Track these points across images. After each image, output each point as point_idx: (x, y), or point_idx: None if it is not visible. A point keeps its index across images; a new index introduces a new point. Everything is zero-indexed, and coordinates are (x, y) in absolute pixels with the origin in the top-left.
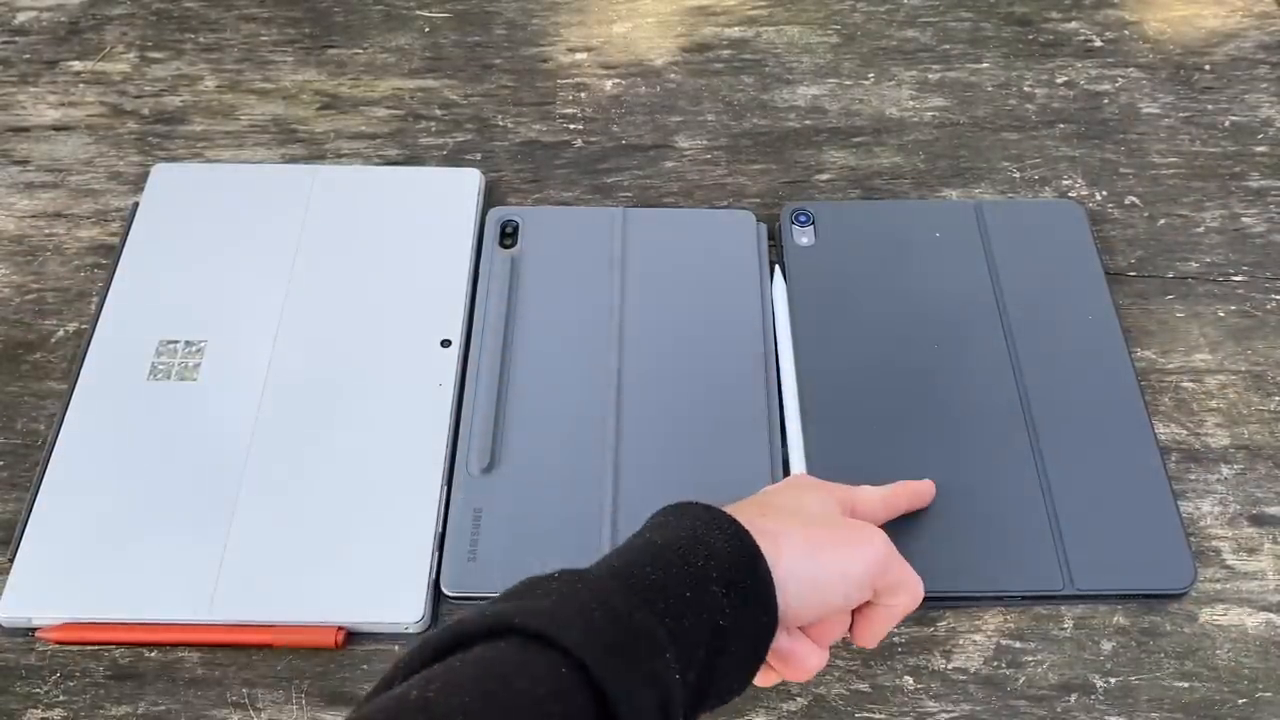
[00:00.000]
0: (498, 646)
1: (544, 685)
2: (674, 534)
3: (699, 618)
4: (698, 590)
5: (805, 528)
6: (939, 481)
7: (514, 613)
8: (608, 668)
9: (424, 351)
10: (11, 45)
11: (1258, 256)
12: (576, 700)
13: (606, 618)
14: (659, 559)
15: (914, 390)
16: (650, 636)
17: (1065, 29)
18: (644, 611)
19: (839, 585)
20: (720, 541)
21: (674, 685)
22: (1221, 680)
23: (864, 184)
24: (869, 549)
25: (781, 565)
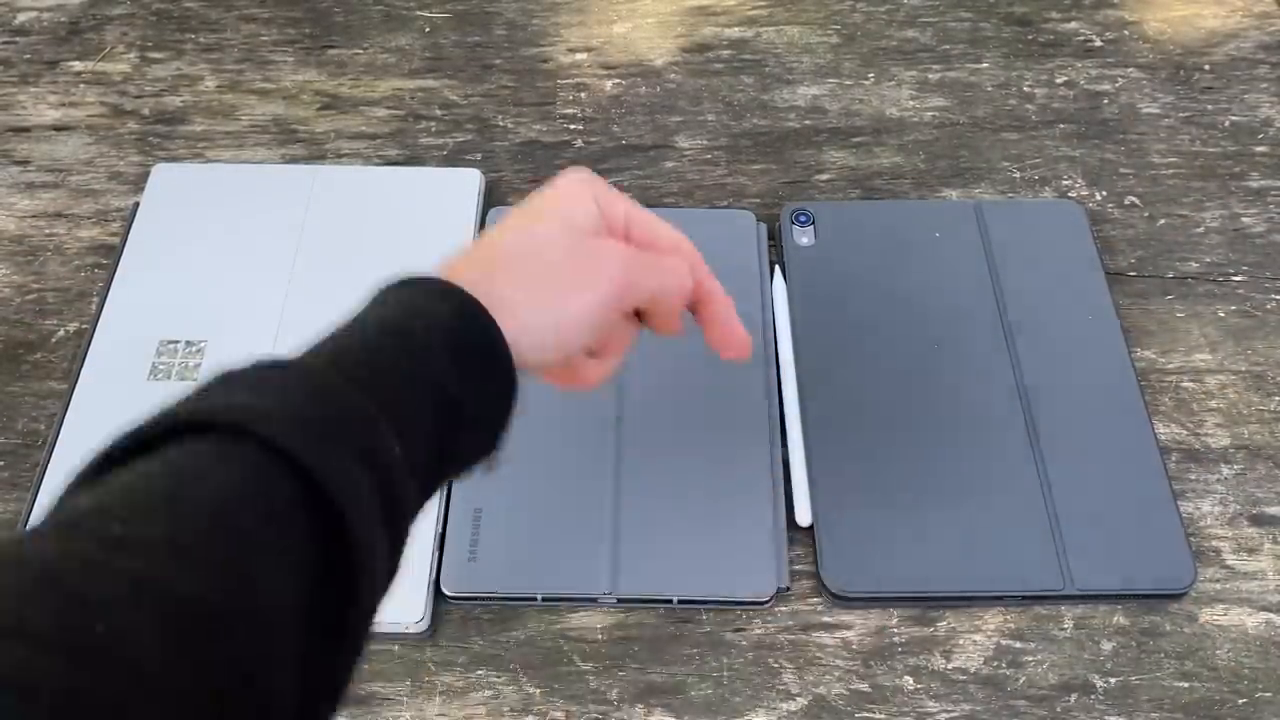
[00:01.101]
0: (192, 443)
1: (240, 476)
2: (388, 310)
3: (421, 390)
4: (417, 362)
5: (528, 273)
6: (939, 481)
7: (203, 407)
8: (313, 452)
9: None
10: (12, 45)
11: (1258, 256)
12: (282, 490)
13: (308, 400)
14: (370, 336)
15: (914, 390)
16: (361, 413)
17: (1065, 29)
18: (351, 389)
19: (579, 327)
20: (439, 306)
21: (395, 463)
22: (1221, 680)
23: (864, 184)
24: (600, 289)
25: (514, 321)
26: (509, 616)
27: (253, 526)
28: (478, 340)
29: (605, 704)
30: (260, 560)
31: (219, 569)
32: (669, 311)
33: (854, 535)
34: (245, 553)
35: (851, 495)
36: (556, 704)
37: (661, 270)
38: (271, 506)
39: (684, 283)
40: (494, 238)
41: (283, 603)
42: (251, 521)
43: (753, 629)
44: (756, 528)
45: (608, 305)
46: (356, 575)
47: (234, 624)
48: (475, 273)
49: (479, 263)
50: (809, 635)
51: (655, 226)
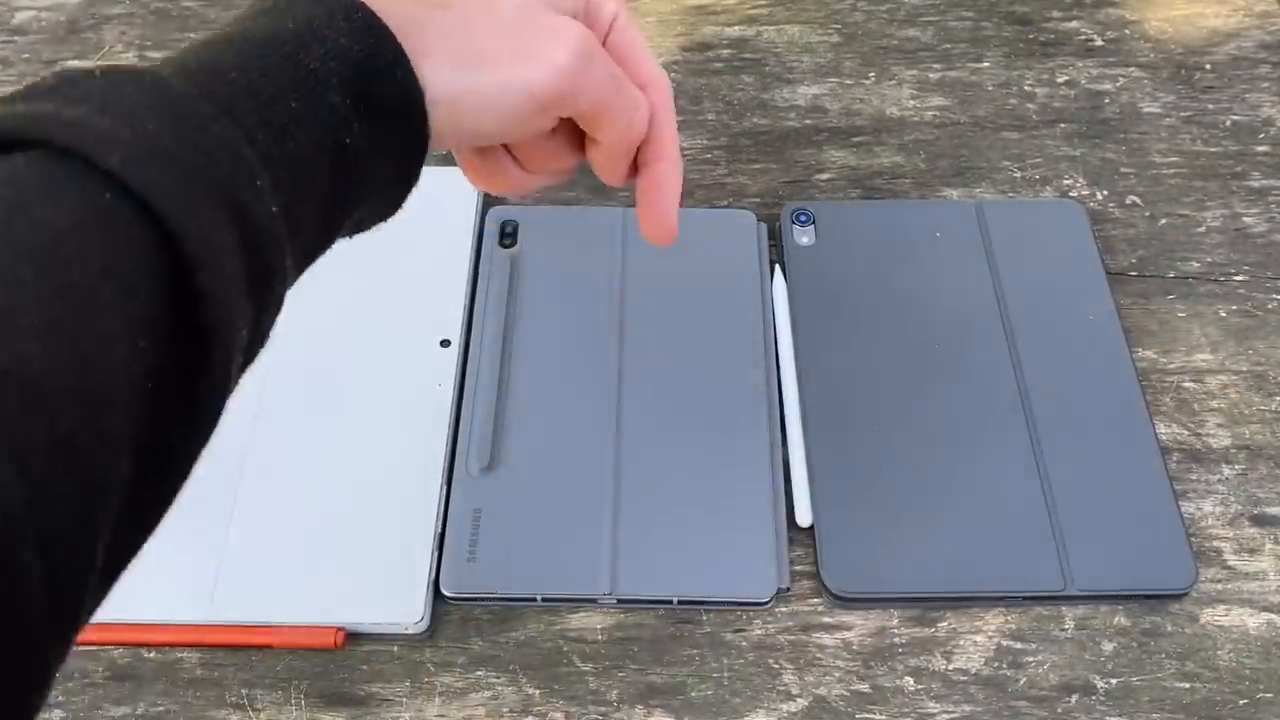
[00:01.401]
0: (10, 162)
1: (73, 215)
2: (282, 24)
3: (310, 134)
4: (310, 99)
5: (470, 26)
6: (939, 481)
7: (34, 118)
8: (170, 194)
9: (423, 351)
10: (10, 45)
11: (1259, 256)
12: (126, 233)
13: (168, 128)
14: (253, 58)
15: (914, 390)
16: (232, 153)
17: (1066, 28)
18: (224, 122)
19: (508, 107)
20: (345, 35)
21: (268, 220)
22: (1223, 681)
23: (864, 184)
24: (546, 62)
25: (434, 70)
26: (509, 617)
27: (89, 279)
28: (386, 82)
29: (605, 705)
30: (95, 321)
31: (43, 331)
32: (612, 144)
33: (854, 535)
34: (77, 311)
35: (851, 495)
36: (556, 705)
37: (620, 89)
38: (113, 256)
39: (637, 116)
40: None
41: (119, 374)
42: (88, 273)
43: (753, 629)
44: (756, 528)
45: (546, 91)
46: (210, 345)
47: (59, 399)
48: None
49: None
50: (809, 636)
51: (639, 46)
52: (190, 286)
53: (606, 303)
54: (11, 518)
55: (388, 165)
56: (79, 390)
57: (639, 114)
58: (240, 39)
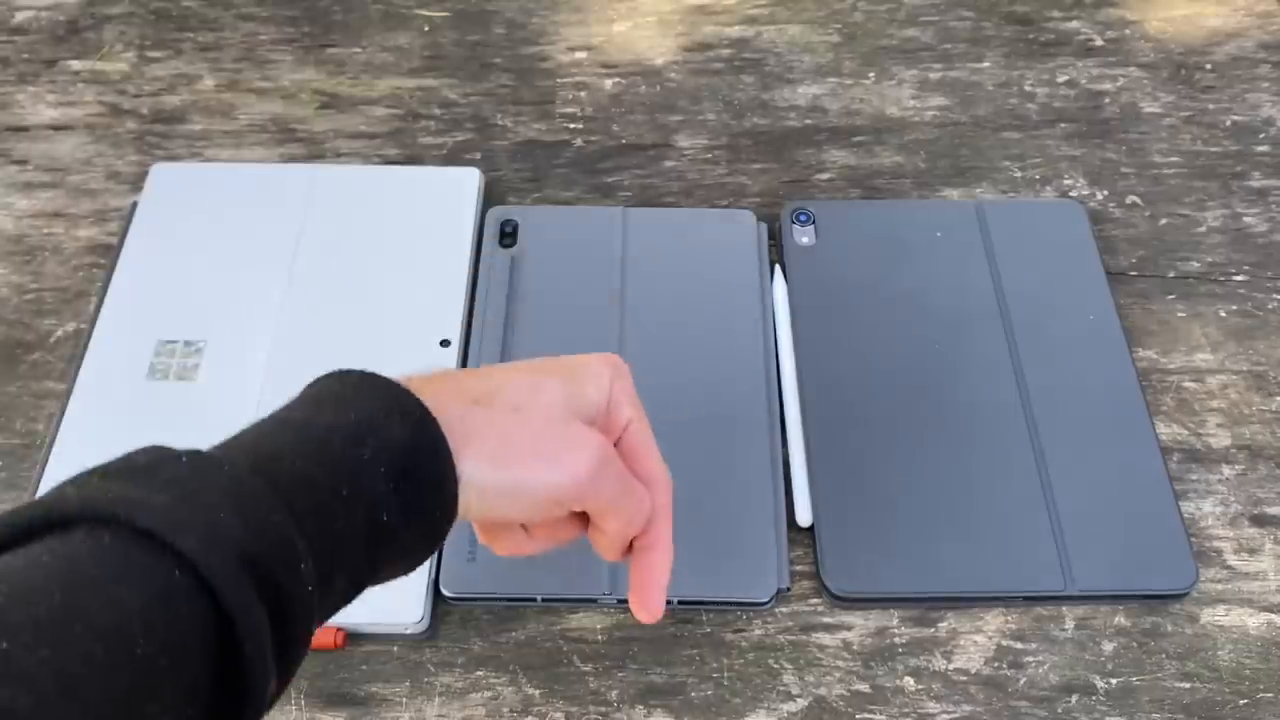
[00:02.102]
0: (96, 539)
1: (148, 592)
2: (343, 415)
3: (353, 518)
4: (357, 486)
5: (505, 428)
6: (940, 481)
7: (122, 501)
8: (227, 578)
9: (423, 351)
10: (10, 45)
11: (1259, 256)
12: (188, 611)
13: (235, 518)
14: (314, 448)
15: (914, 390)
16: (286, 543)
17: (1066, 28)
18: (283, 513)
19: (528, 502)
20: (399, 429)
21: (304, 599)
22: (1223, 681)
23: (864, 183)
24: (567, 470)
25: (471, 463)
26: (508, 617)
27: (150, 653)
28: (427, 474)
29: (605, 705)
30: (155, 698)
31: (109, 707)
32: (614, 534)
33: (854, 535)
34: (138, 690)
35: (851, 495)
36: (556, 705)
37: (628, 491)
38: (174, 632)
39: (639, 516)
40: (492, 371)
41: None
42: (150, 647)
43: (753, 630)
44: (756, 528)
45: (565, 494)
46: (244, 705)
47: None
48: (458, 395)
49: (468, 388)
50: (809, 636)
51: (648, 449)
52: (233, 655)
53: (606, 302)
54: None
55: (415, 539)
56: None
57: (641, 514)
58: (307, 426)
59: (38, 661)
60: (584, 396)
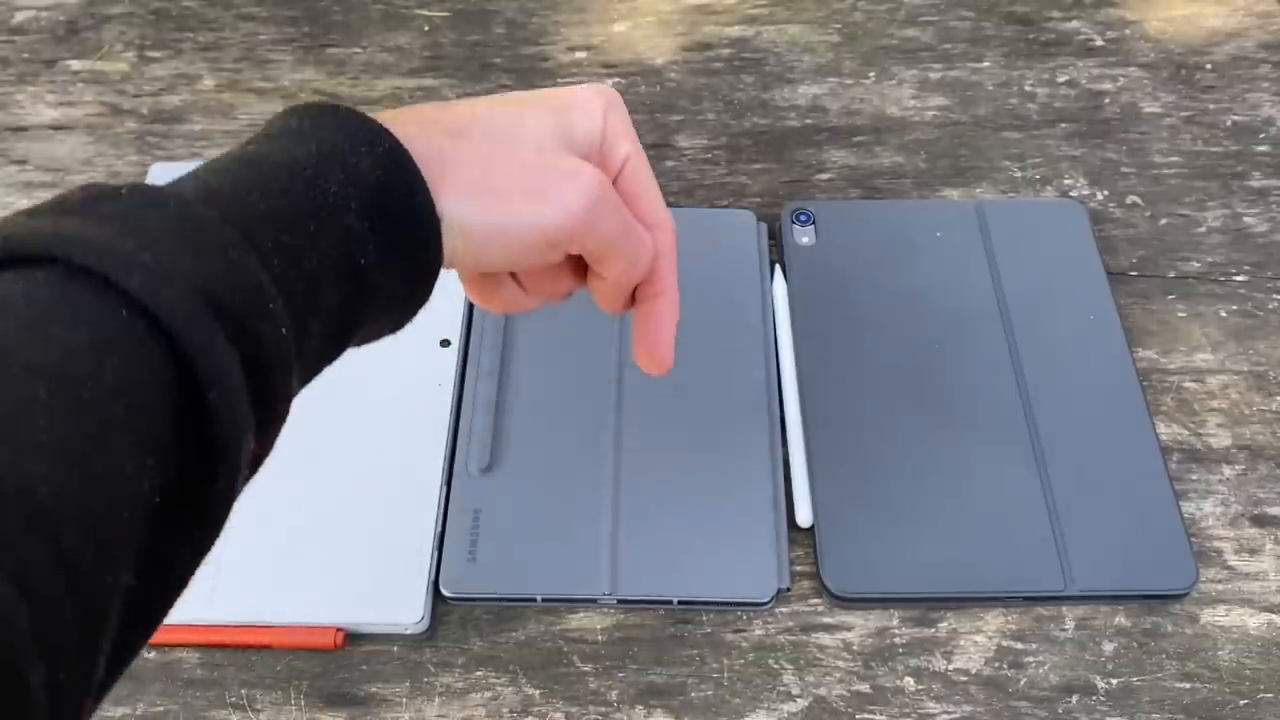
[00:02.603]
0: (31, 278)
1: (89, 334)
2: (304, 148)
3: (325, 256)
4: (327, 223)
5: (489, 160)
6: (940, 482)
7: (58, 237)
8: (183, 316)
9: (423, 351)
10: (10, 44)
11: (1259, 256)
12: (141, 353)
13: (188, 253)
14: (275, 180)
15: (914, 390)
16: (249, 278)
17: (1066, 28)
18: (243, 247)
19: (519, 243)
20: (367, 162)
21: (277, 341)
22: (1223, 681)
23: (865, 183)
24: (560, 205)
25: (453, 200)
26: (508, 617)
27: (101, 398)
28: (404, 207)
29: (605, 705)
30: (105, 440)
31: (53, 455)
32: (614, 281)
33: (854, 535)
34: (89, 435)
35: (851, 495)
36: (556, 705)
37: (628, 230)
38: (126, 375)
39: (641, 258)
40: (473, 102)
41: (126, 492)
42: (100, 392)
43: (753, 630)
44: (756, 528)
45: (557, 232)
46: (216, 460)
47: (65, 519)
48: (428, 127)
49: (439, 119)
50: (809, 636)
51: (649, 188)
52: (199, 404)
53: None
54: (16, 640)
55: (399, 285)
56: (85, 509)
57: (643, 255)
58: (263, 161)
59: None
60: (575, 128)
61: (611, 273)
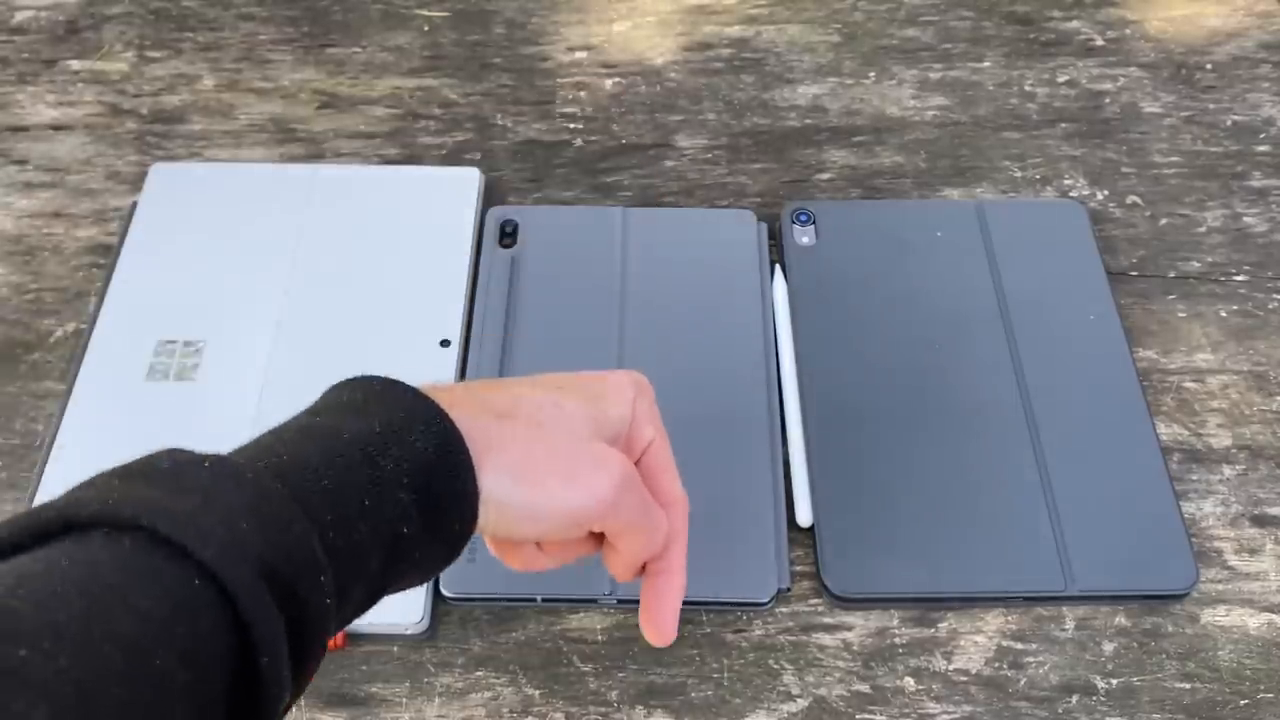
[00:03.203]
0: (116, 544)
1: (169, 602)
2: (367, 424)
3: (375, 529)
4: (379, 498)
5: (529, 443)
6: (940, 482)
7: (144, 506)
8: (248, 589)
9: (423, 351)
10: (10, 44)
11: (1259, 256)
12: (207, 621)
13: (256, 529)
14: (338, 458)
15: (914, 390)
16: (307, 552)
17: (1067, 28)
18: (304, 523)
19: (548, 521)
20: (422, 441)
21: (321, 610)
22: (1223, 681)
23: (865, 183)
24: (589, 491)
25: (483, 480)
26: (508, 617)
27: (170, 668)
28: (449, 486)
29: (605, 705)
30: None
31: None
32: (629, 556)
33: (854, 535)
34: (156, 701)
35: (851, 495)
36: (556, 705)
37: (648, 514)
38: (194, 642)
39: (656, 538)
40: (519, 383)
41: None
42: (169, 658)
43: (753, 630)
44: (756, 528)
45: (585, 515)
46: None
47: None
48: (481, 409)
49: (488, 399)
50: (809, 636)
51: (668, 469)
52: (250, 665)
53: (606, 302)
54: None
55: (435, 551)
56: None
57: (659, 537)
58: (330, 436)
59: (56, 671)
60: (607, 415)
61: (628, 550)
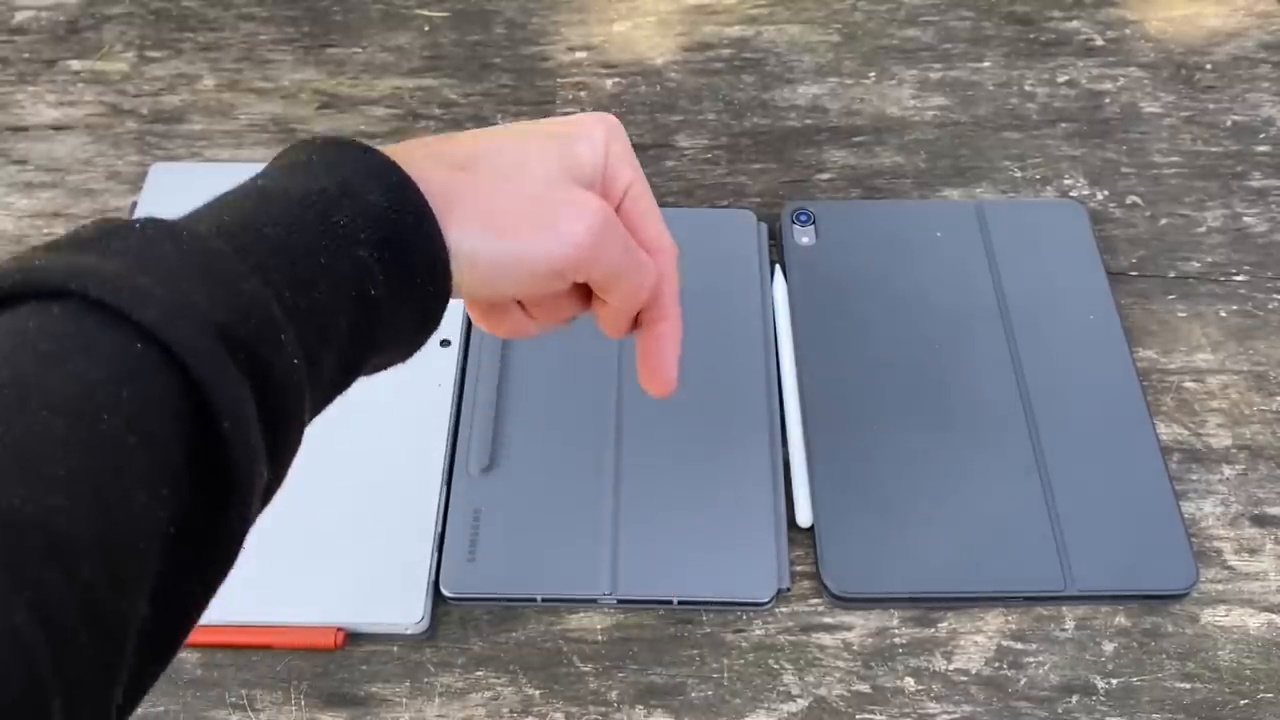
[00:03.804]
0: (47, 311)
1: (107, 367)
2: (313, 181)
3: (336, 287)
4: (337, 255)
5: (495, 194)
6: (940, 482)
7: (73, 271)
8: (196, 348)
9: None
10: (10, 44)
11: (1259, 256)
12: (155, 385)
13: (201, 286)
14: (285, 213)
15: (914, 390)
16: (261, 311)
17: (1066, 28)
18: (254, 281)
19: (526, 273)
20: (376, 195)
21: (289, 371)
22: (1223, 681)
23: (865, 183)
24: (566, 236)
25: (460, 232)
26: (508, 617)
27: (116, 431)
28: (413, 239)
29: (605, 705)
30: (120, 471)
31: (70, 487)
32: (619, 307)
33: (854, 535)
34: (105, 467)
35: (851, 495)
36: (556, 705)
37: (633, 258)
38: (141, 406)
39: (645, 284)
40: (478, 134)
41: (141, 522)
42: (115, 424)
43: (753, 630)
44: (756, 528)
45: (564, 262)
46: (229, 489)
47: (82, 551)
48: (436, 161)
49: (445, 152)
50: (809, 636)
51: (650, 214)
52: (213, 434)
53: None
54: (39, 669)
55: (409, 315)
56: (101, 540)
57: (647, 281)
58: (276, 195)
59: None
60: (578, 158)
61: (616, 299)
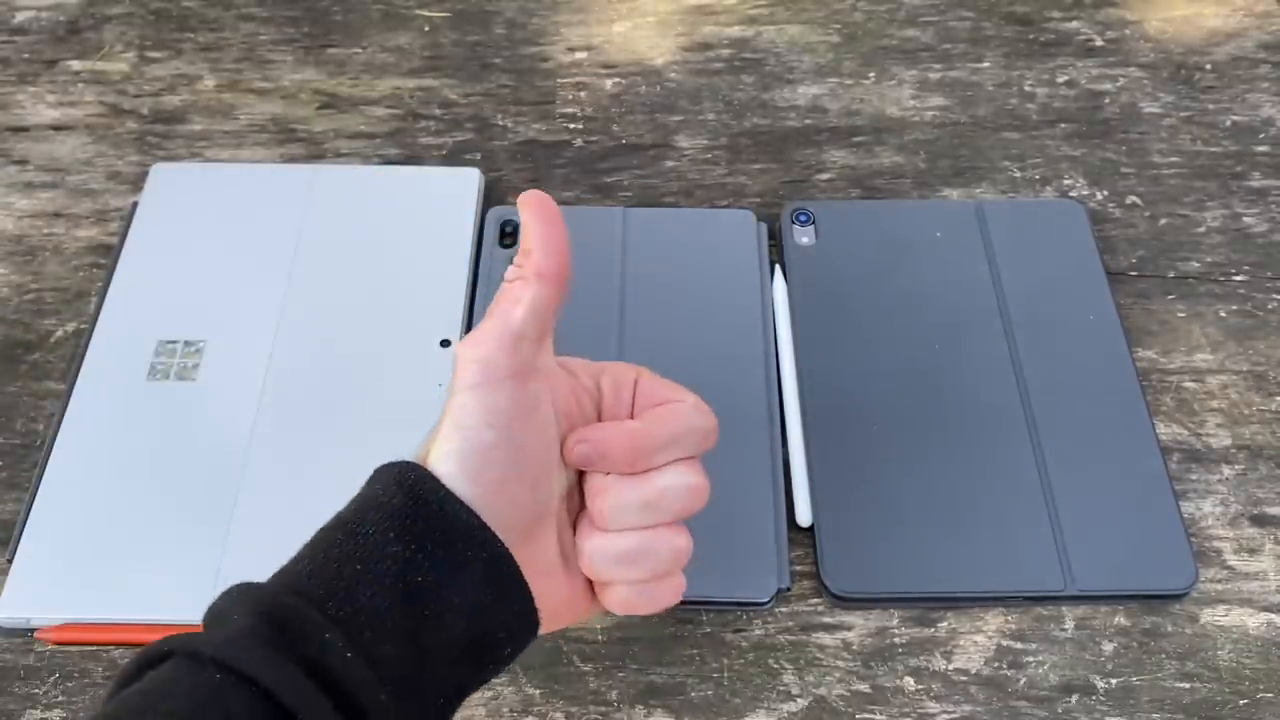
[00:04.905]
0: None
1: (199, 695)
2: (346, 510)
3: (378, 587)
4: (370, 559)
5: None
6: (939, 482)
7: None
8: (255, 662)
9: (423, 351)
10: (10, 45)
11: (1259, 256)
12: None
13: (246, 614)
14: (320, 543)
15: (914, 390)
16: (299, 618)
17: (1066, 28)
18: (289, 595)
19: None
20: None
21: (343, 664)
22: (1223, 681)
23: (864, 184)
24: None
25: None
26: None
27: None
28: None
29: (605, 705)
30: None
31: None
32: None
33: (854, 535)
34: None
35: (851, 495)
36: (556, 705)
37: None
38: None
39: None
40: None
41: None
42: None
43: (753, 630)
44: (756, 528)
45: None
46: None
47: None
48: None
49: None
50: (809, 636)
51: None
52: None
53: (606, 302)
54: None
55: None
56: None
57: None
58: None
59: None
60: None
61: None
